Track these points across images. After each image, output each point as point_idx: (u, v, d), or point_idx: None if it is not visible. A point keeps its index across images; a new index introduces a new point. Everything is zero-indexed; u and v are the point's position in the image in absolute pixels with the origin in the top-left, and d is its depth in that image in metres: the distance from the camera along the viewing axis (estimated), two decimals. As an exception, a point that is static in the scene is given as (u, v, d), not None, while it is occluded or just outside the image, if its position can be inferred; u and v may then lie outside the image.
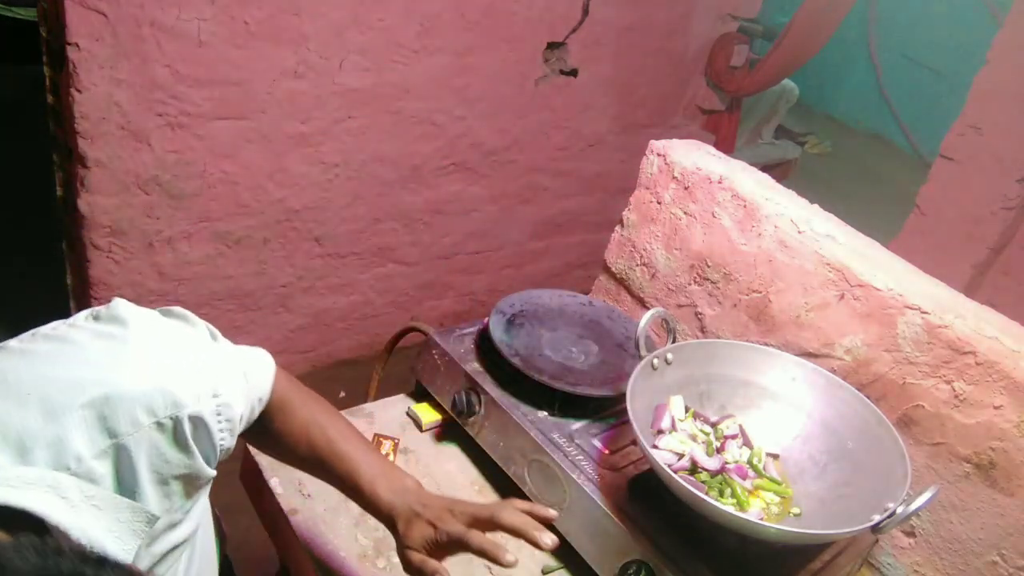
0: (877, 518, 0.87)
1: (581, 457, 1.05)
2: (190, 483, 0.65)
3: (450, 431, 1.24)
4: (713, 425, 1.08)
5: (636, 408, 0.96)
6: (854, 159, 5.06)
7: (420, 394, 1.28)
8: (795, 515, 0.99)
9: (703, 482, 0.97)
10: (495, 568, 1.03)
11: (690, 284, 1.36)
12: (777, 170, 3.68)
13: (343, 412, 1.24)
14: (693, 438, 1.04)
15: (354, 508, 1.08)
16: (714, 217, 1.31)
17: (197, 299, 2.06)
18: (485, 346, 1.20)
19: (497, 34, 2.18)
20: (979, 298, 1.14)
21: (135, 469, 0.59)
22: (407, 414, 1.26)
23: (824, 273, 1.16)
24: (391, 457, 1.16)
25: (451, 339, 1.22)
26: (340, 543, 1.03)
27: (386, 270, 2.40)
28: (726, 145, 2.88)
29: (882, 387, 1.11)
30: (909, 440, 1.07)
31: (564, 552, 1.05)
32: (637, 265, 1.45)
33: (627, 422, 0.97)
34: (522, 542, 0.77)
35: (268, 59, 1.85)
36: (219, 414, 0.66)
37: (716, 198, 1.30)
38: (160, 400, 0.60)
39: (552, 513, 0.79)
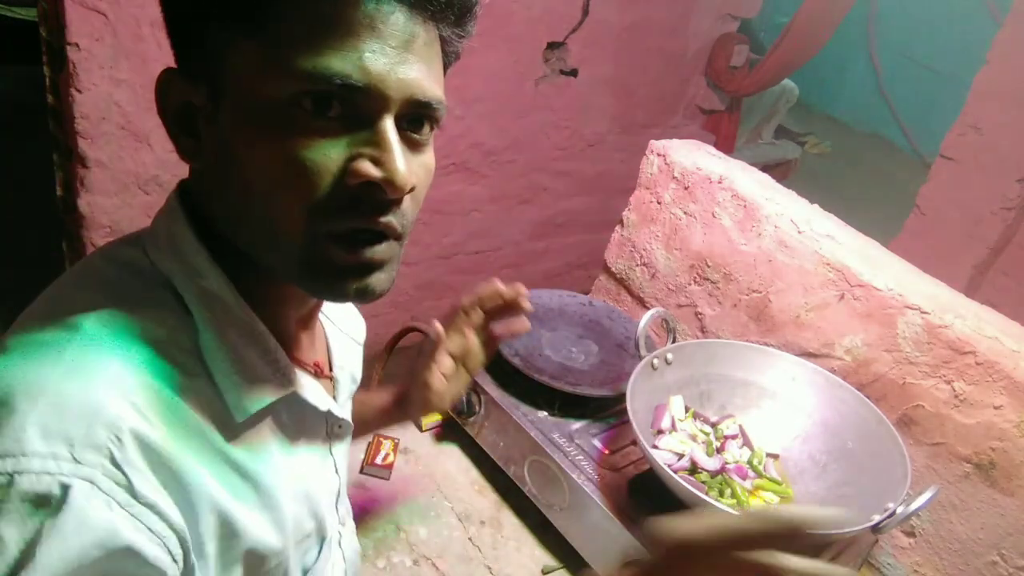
0: (877, 518, 0.87)
1: (581, 457, 1.05)
2: None
3: (450, 431, 1.24)
4: (713, 425, 1.08)
5: (636, 408, 0.96)
6: (854, 159, 5.06)
7: (420, 394, 1.28)
8: (795, 515, 0.99)
9: (703, 482, 0.97)
10: (495, 568, 1.03)
11: (690, 284, 1.36)
12: (777, 170, 3.68)
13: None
14: (693, 438, 1.04)
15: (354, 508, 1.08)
16: (714, 217, 1.31)
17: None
18: (485, 346, 1.20)
19: (497, 34, 2.17)
20: (979, 298, 1.14)
21: None
22: (407, 414, 1.26)
23: (824, 273, 1.16)
24: (391, 457, 1.16)
25: (451, 339, 1.22)
26: (340, 543, 1.03)
27: (386, 270, 2.40)
28: (726, 145, 2.87)
29: (882, 387, 1.11)
30: (909, 440, 1.07)
31: (564, 552, 1.05)
32: (637, 265, 1.45)
33: (627, 422, 0.97)
34: (522, 542, 0.76)
35: (268, 59, 1.84)
36: None
37: (716, 198, 1.30)
38: None
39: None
